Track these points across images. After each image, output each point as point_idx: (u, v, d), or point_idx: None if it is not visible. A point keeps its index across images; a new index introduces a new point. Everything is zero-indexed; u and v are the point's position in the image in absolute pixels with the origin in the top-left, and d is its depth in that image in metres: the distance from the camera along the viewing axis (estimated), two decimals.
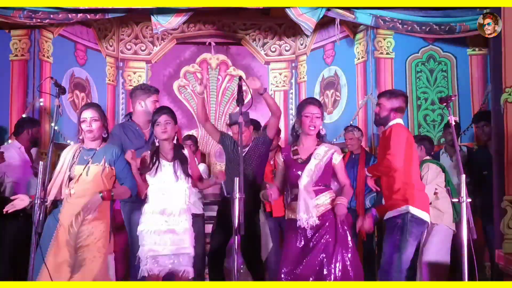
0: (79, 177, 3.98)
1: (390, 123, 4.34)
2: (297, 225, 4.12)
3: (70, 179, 3.99)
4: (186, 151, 4.49)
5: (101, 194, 3.95)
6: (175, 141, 4.51)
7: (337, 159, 4.24)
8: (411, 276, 4.23)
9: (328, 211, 4.14)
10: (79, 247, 3.89)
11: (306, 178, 4.14)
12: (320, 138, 4.34)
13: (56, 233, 3.90)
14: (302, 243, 4.12)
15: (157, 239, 4.25)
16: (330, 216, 4.13)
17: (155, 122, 4.42)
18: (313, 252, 4.05)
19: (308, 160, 4.21)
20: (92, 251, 3.89)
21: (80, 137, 4.13)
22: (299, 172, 4.19)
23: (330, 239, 4.07)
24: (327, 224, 4.11)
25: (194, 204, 5.83)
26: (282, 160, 4.35)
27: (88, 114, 4.07)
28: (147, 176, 4.36)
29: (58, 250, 3.86)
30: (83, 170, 3.98)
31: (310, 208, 4.07)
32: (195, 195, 5.87)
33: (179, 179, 4.35)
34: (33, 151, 5.73)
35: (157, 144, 4.46)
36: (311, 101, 4.40)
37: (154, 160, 4.37)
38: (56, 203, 4.07)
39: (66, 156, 4.06)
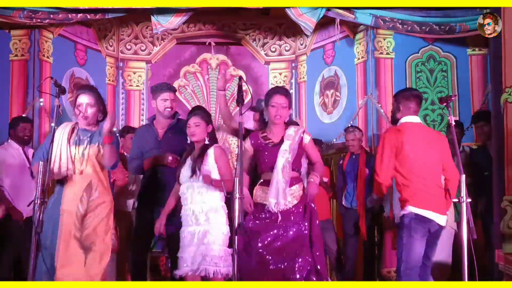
0: (80, 158, 3.95)
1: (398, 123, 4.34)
2: (264, 209, 4.11)
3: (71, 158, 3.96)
4: (211, 150, 4.22)
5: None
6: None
7: (307, 138, 4.22)
8: (423, 272, 4.19)
9: (297, 204, 4.13)
10: (88, 230, 3.89)
11: (281, 159, 4.10)
12: (288, 123, 4.29)
13: (61, 220, 3.88)
14: (269, 228, 4.10)
15: (182, 240, 4.23)
16: (299, 209, 4.12)
17: (186, 123, 4.31)
18: (280, 243, 4.06)
19: (280, 142, 4.17)
20: (100, 235, 3.92)
21: (76, 119, 4.10)
22: (272, 155, 4.14)
23: (296, 232, 4.08)
24: (295, 213, 4.11)
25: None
26: (250, 145, 4.26)
27: (83, 99, 4.00)
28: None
29: (68, 236, 3.86)
30: (83, 151, 3.96)
31: (280, 193, 4.05)
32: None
33: (190, 177, 4.20)
34: (30, 151, 5.69)
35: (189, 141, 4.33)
36: (277, 90, 4.35)
37: (184, 159, 4.30)
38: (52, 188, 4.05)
39: (61, 135, 3.99)
